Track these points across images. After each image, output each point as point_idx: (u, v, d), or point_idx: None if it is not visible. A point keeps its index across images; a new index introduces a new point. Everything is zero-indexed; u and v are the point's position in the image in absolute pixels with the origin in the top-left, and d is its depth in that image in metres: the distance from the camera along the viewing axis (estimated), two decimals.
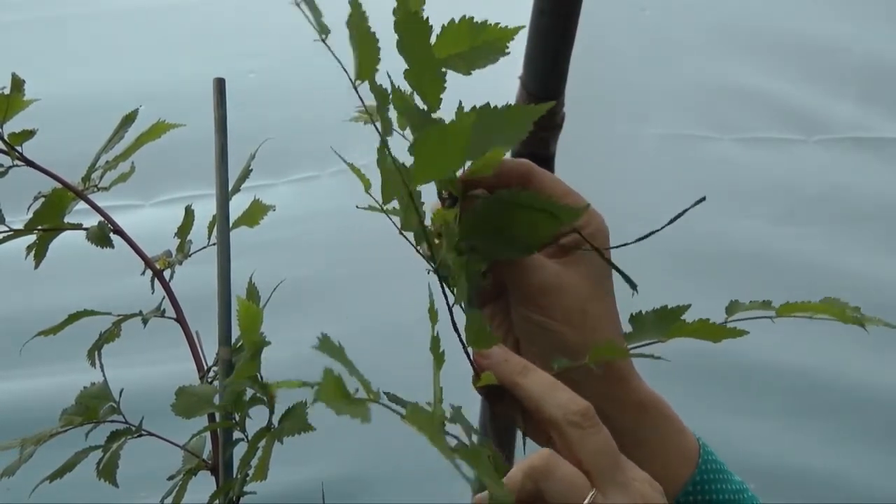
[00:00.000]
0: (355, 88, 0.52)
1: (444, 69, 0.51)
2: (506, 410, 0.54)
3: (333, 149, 0.56)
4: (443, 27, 0.52)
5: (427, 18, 0.50)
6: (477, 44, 0.52)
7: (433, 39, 0.51)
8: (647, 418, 0.58)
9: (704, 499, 0.58)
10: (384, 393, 0.56)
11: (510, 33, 0.53)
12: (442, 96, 0.51)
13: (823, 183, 1.38)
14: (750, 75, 1.33)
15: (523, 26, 0.52)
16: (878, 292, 1.40)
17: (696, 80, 1.33)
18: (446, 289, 0.55)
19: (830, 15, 1.32)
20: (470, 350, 0.55)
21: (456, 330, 0.55)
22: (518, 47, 0.58)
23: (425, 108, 0.52)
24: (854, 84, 1.34)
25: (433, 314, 0.50)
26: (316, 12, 0.50)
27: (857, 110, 1.35)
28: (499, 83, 0.54)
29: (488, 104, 0.51)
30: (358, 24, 0.50)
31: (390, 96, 0.51)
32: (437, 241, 0.55)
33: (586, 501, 0.48)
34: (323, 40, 0.50)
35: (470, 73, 0.53)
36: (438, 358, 0.50)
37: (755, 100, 1.35)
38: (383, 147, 0.50)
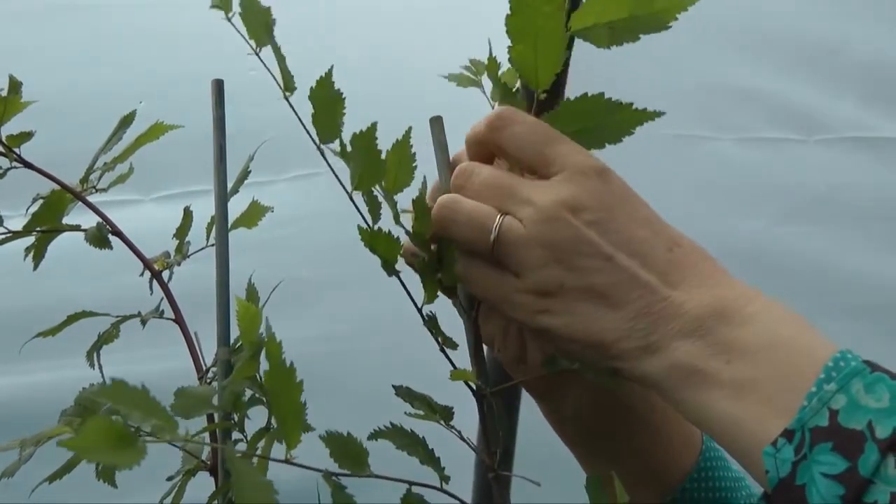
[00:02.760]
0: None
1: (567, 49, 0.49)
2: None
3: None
4: None
5: None
6: (639, 13, 0.48)
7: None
8: (657, 403, 0.58)
9: (708, 485, 0.58)
10: (393, 386, 0.56)
11: (683, 3, 0.48)
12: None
13: (823, 183, 1.38)
14: (750, 75, 1.33)
15: None
16: (879, 292, 1.40)
17: (696, 80, 1.33)
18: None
19: (830, 15, 1.31)
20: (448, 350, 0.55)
21: (429, 329, 0.55)
22: None
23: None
24: (854, 84, 1.34)
25: None
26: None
27: (857, 110, 1.35)
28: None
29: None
30: None
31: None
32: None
33: (492, 236, 0.48)
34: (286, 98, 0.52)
35: (609, 48, 0.50)
36: None
37: (755, 100, 1.35)
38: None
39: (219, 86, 0.62)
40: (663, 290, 0.47)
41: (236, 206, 0.70)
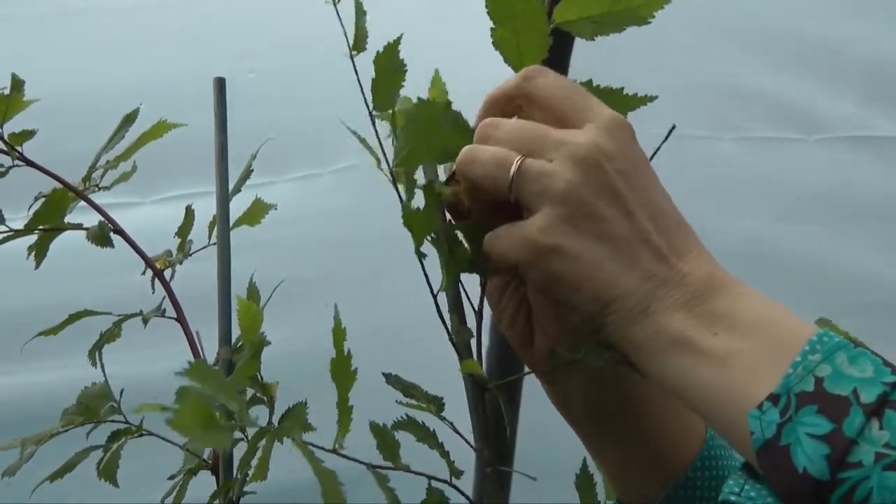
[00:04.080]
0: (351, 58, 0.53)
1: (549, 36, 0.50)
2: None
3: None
4: None
5: None
6: (616, 9, 0.50)
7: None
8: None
9: (711, 474, 0.59)
10: (383, 374, 0.56)
11: (660, 2, 0.50)
12: None
13: (823, 182, 1.38)
14: (750, 75, 1.33)
15: None
16: (878, 291, 1.40)
17: (696, 80, 1.33)
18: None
19: (830, 15, 1.31)
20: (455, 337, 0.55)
21: (441, 317, 0.55)
22: None
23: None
24: (854, 83, 1.34)
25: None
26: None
27: (858, 109, 1.35)
28: (498, 80, 0.54)
29: None
30: None
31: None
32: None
33: (513, 170, 0.47)
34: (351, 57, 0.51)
35: (593, 39, 0.52)
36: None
37: (755, 100, 1.35)
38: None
39: (221, 84, 0.62)
40: (672, 258, 0.47)
41: (235, 208, 0.70)
